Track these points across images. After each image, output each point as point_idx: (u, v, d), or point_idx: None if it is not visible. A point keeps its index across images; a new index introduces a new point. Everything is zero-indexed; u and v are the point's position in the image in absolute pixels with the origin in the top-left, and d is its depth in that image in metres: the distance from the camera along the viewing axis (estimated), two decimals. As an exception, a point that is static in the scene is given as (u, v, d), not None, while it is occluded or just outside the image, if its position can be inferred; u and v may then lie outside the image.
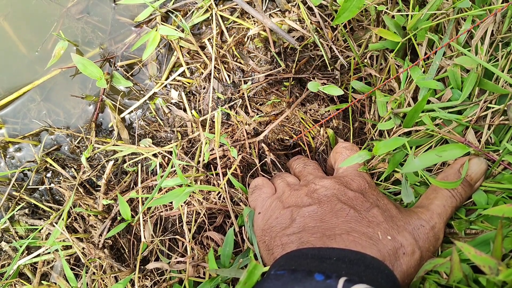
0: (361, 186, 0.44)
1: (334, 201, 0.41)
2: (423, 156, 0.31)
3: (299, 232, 0.39)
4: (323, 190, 0.44)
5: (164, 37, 0.62)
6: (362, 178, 0.45)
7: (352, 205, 0.40)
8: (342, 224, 0.38)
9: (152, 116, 0.63)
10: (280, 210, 0.44)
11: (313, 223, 0.39)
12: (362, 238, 0.36)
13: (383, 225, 0.38)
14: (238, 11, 0.62)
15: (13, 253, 0.59)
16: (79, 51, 0.66)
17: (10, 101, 0.65)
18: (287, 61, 0.60)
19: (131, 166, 0.58)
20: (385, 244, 0.36)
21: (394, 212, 0.40)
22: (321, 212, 0.40)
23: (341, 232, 0.37)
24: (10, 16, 0.67)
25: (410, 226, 0.38)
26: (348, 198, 0.42)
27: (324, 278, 0.30)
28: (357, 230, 0.37)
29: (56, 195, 0.62)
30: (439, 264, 0.31)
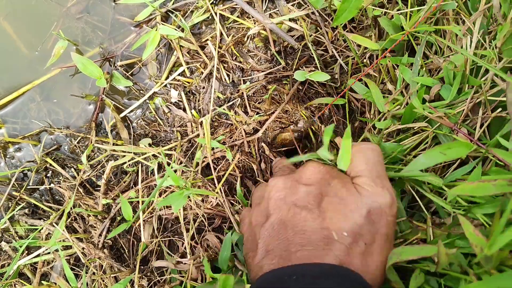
0: (315, 176, 0.41)
1: (286, 207, 0.39)
2: (427, 154, 0.33)
3: (262, 260, 0.38)
4: (275, 192, 0.42)
5: (164, 36, 0.64)
6: (321, 166, 0.42)
7: (304, 205, 0.39)
8: (296, 237, 0.37)
9: (152, 115, 0.65)
10: (248, 234, 0.43)
11: (272, 244, 0.38)
12: (317, 249, 0.35)
13: (339, 220, 0.37)
14: (238, 10, 0.64)
15: (13, 253, 0.61)
16: (79, 50, 0.68)
17: (10, 101, 0.67)
18: (287, 59, 0.62)
19: (130, 166, 0.60)
20: (342, 243, 0.35)
21: (352, 200, 0.38)
22: (277, 226, 0.39)
23: (296, 250, 0.36)
24: (10, 16, 0.69)
25: (363, 208, 0.37)
26: (300, 196, 0.39)
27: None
28: (311, 241, 0.36)
29: (56, 195, 0.64)
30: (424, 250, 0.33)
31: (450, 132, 0.38)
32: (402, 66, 0.50)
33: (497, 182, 0.28)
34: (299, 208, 0.38)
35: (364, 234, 0.36)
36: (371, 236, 0.36)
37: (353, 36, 0.50)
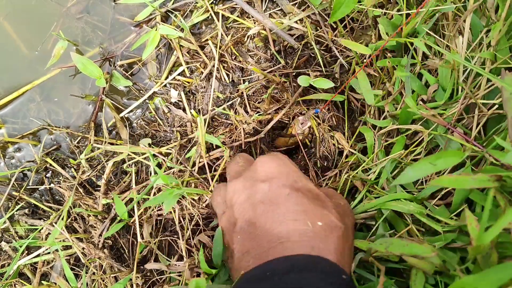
0: (271, 170, 0.41)
1: (252, 208, 0.39)
2: (416, 166, 0.32)
3: (239, 263, 0.38)
4: (237, 196, 0.41)
5: (164, 36, 0.65)
6: (273, 159, 0.42)
7: (270, 201, 0.38)
8: (268, 234, 0.36)
9: (151, 115, 0.65)
10: (224, 241, 0.42)
11: (247, 246, 0.38)
12: (290, 241, 0.35)
13: (310, 210, 0.37)
14: (238, 10, 0.65)
15: (13, 253, 0.61)
16: (79, 50, 0.68)
17: (9, 101, 0.67)
18: (287, 59, 0.62)
19: (130, 166, 0.61)
20: (316, 232, 0.35)
21: (316, 191, 0.39)
22: (247, 228, 0.38)
23: (269, 246, 0.35)
24: (10, 16, 0.69)
25: (331, 203, 0.39)
26: (264, 193, 0.39)
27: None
28: (283, 234, 0.35)
29: (56, 195, 0.65)
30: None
31: (445, 132, 0.39)
32: (400, 67, 0.50)
33: (477, 176, 0.28)
34: (267, 205, 0.38)
35: (338, 225, 0.36)
36: (342, 225, 0.37)
37: (344, 41, 0.50)
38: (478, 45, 0.44)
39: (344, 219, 0.38)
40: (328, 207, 0.38)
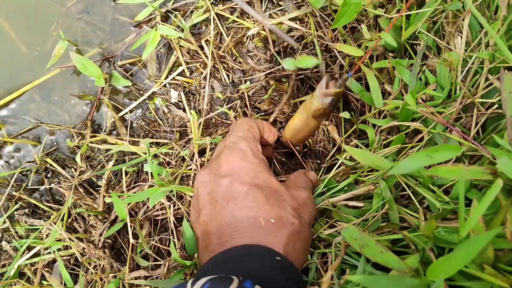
0: (233, 165, 0.43)
1: (213, 202, 0.41)
2: (413, 157, 0.33)
3: (202, 257, 0.41)
4: (202, 189, 0.44)
5: (163, 36, 0.65)
6: (236, 153, 0.44)
7: (229, 196, 0.40)
8: (226, 229, 0.39)
9: (151, 116, 0.66)
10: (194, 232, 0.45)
11: (207, 240, 0.40)
12: (244, 236, 0.37)
13: (265, 207, 0.39)
14: (238, 11, 0.66)
15: (13, 253, 0.62)
16: (79, 50, 0.69)
17: (9, 101, 0.68)
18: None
19: (130, 167, 0.62)
20: (268, 229, 0.38)
21: (275, 186, 0.42)
22: (208, 221, 0.41)
23: (225, 240, 0.38)
24: (10, 16, 0.70)
25: (291, 198, 0.42)
26: (224, 189, 0.41)
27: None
28: (239, 229, 0.38)
29: (56, 195, 0.65)
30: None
31: (444, 131, 0.39)
32: (399, 67, 0.51)
33: (471, 168, 0.29)
34: (226, 201, 0.40)
35: (291, 221, 0.39)
36: (294, 222, 0.40)
37: (339, 46, 0.51)
38: (477, 44, 0.45)
39: (300, 214, 0.41)
40: (284, 203, 0.41)
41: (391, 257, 0.32)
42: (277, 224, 0.39)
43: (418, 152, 0.33)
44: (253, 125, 0.50)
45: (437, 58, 0.47)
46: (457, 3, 0.44)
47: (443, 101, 0.44)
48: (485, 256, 0.27)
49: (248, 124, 0.50)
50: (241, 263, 0.35)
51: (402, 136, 0.45)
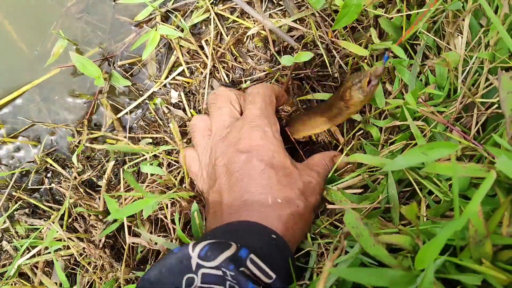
0: (253, 142, 0.45)
1: (228, 173, 0.45)
2: (408, 154, 0.34)
3: (210, 222, 0.44)
4: (220, 160, 0.47)
5: (163, 36, 0.66)
6: (257, 131, 0.46)
7: (245, 172, 0.43)
8: (234, 202, 0.42)
9: (151, 116, 0.67)
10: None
11: (216, 208, 0.44)
12: (249, 211, 0.41)
13: (276, 187, 0.42)
14: (238, 10, 0.66)
15: (13, 252, 0.62)
16: (78, 50, 0.69)
17: (9, 101, 0.68)
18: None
19: (131, 167, 0.62)
20: (274, 207, 0.41)
21: (289, 167, 0.45)
22: (222, 190, 0.44)
23: (230, 212, 0.42)
24: (10, 16, 0.70)
25: (301, 181, 0.44)
26: (241, 164, 0.44)
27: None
28: (247, 204, 0.41)
29: (56, 195, 0.66)
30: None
31: (444, 130, 0.40)
32: (399, 67, 0.52)
33: (468, 165, 0.30)
34: (241, 175, 0.44)
35: (296, 203, 0.42)
36: (299, 204, 0.42)
37: (344, 43, 0.52)
38: (477, 44, 0.45)
39: (307, 198, 0.44)
40: (293, 185, 0.44)
41: (381, 250, 0.32)
42: (282, 204, 0.42)
43: (413, 149, 0.34)
44: (273, 99, 0.52)
45: (436, 58, 0.48)
46: (457, 3, 0.45)
47: (443, 101, 0.44)
48: (483, 252, 0.27)
49: (270, 97, 0.52)
50: (240, 237, 0.38)
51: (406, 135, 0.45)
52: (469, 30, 0.47)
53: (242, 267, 0.34)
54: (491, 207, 0.34)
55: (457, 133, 0.38)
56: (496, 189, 0.30)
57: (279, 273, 0.36)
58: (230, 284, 0.33)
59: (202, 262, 0.34)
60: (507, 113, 0.34)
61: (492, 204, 0.34)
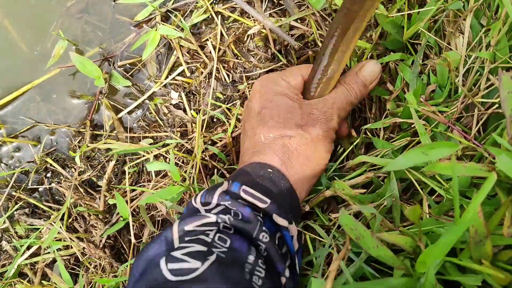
0: (262, 87, 0.48)
1: (247, 118, 0.48)
2: (408, 154, 0.34)
3: (241, 155, 0.48)
4: (246, 107, 0.51)
5: (164, 36, 0.66)
6: (263, 81, 0.49)
7: (246, 118, 0.48)
8: (242, 148, 0.47)
9: (152, 116, 0.67)
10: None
11: (242, 149, 0.48)
12: (252, 155, 0.44)
13: (269, 124, 0.44)
14: (238, 10, 0.66)
15: (13, 252, 0.63)
16: (78, 50, 0.70)
17: (9, 101, 0.69)
18: (287, 58, 0.63)
19: (132, 167, 0.62)
20: (266, 143, 0.44)
21: (288, 103, 0.46)
22: (246, 133, 0.47)
23: (247, 154, 0.45)
24: (10, 16, 0.71)
25: (299, 116, 0.45)
26: (252, 110, 0.47)
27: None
28: (257, 147, 0.44)
29: (56, 195, 0.66)
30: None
31: (445, 130, 0.40)
32: (402, 65, 0.52)
33: (469, 164, 0.30)
34: (244, 122, 0.49)
35: (289, 135, 0.44)
36: (297, 138, 0.44)
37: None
38: (478, 44, 0.45)
39: (307, 129, 0.44)
40: (289, 120, 0.45)
41: (384, 251, 0.32)
42: (275, 138, 0.44)
43: (413, 149, 0.34)
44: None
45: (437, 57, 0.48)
46: (458, 3, 0.45)
47: (444, 100, 0.44)
48: (483, 252, 0.27)
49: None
50: (235, 177, 0.41)
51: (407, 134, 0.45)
52: (470, 30, 0.47)
53: (238, 198, 0.38)
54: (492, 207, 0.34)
55: (457, 133, 0.38)
56: (497, 189, 0.30)
57: (274, 199, 0.39)
58: (234, 212, 0.37)
59: (206, 207, 0.38)
60: (508, 113, 0.34)
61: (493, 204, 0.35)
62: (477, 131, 0.40)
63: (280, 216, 0.38)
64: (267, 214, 0.38)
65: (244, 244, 0.34)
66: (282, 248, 0.38)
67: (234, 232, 0.36)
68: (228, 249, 0.33)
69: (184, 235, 0.35)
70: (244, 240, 0.35)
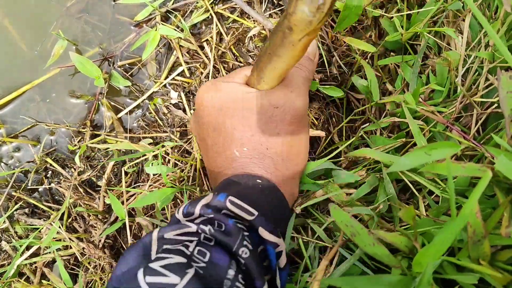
0: (209, 97, 0.44)
1: (205, 134, 0.45)
2: (411, 155, 0.34)
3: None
4: (195, 123, 0.48)
5: (163, 36, 0.66)
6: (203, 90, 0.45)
7: (218, 132, 0.44)
8: (224, 160, 0.43)
9: (151, 116, 0.67)
10: None
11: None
12: (243, 168, 0.42)
13: (245, 136, 0.42)
14: (238, 10, 0.66)
15: (13, 252, 0.63)
16: (78, 50, 0.70)
17: (9, 101, 0.69)
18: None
19: (131, 167, 0.62)
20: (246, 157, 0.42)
21: (254, 110, 0.42)
22: (208, 148, 0.46)
23: (230, 167, 0.43)
24: (10, 16, 0.71)
25: (269, 119, 0.42)
26: (208, 124, 0.45)
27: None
28: (235, 163, 0.42)
29: (56, 195, 0.66)
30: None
31: (444, 130, 0.40)
32: (403, 65, 0.52)
33: (467, 165, 0.30)
34: (222, 136, 0.45)
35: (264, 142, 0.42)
36: (256, 135, 0.42)
37: (349, 39, 0.52)
38: (477, 44, 0.45)
39: (278, 129, 0.42)
40: (258, 125, 0.42)
41: (381, 250, 0.32)
42: (250, 150, 0.42)
43: (416, 149, 0.34)
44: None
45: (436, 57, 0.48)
46: (458, 3, 0.45)
47: (443, 100, 0.44)
48: (482, 252, 0.27)
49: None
50: (222, 188, 0.40)
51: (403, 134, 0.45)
52: (469, 30, 0.47)
53: (223, 210, 0.36)
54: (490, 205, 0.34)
55: (457, 133, 0.38)
56: (495, 189, 0.30)
57: (263, 211, 0.37)
58: (218, 222, 0.35)
59: (188, 218, 0.37)
60: (507, 113, 0.34)
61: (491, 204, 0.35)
62: (476, 131, 0.40)
63: (267, 230, 0.36)
64: (253, 227, 0.36)
65: (225, 258, 0.33)
66: (263, 261, 0.36)
67: (215, 244, 0.34)
68: (207, 263, 0.32)
69: (163, 244, 0.33)
70: (224, 253, 0.33)
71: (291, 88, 0.43)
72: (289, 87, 0.43)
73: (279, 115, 0.42)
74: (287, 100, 0.42)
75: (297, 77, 0.44)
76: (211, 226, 0.34)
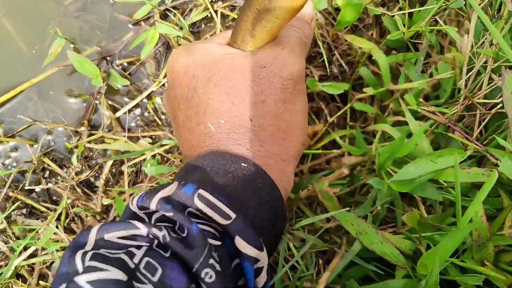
0: (184, 62, 0.35)
1: (177, 108, 0.36)
2: (417, 162, 0.33)
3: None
4: (167, 97, 0.39)
5: (162, 35, 0.65)
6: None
7: (190, 104, 0.34)
8: (197, 137, 0.34)
9: (150, 116, 0.66)
10: None
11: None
12: (219, 146, 0.32)
13: (223, 106, 0.33)
14: (238, 8, 0.66)
15: (10, 253, 0.62)
16: (76, 49, 0.69)
17: (6, 100, 0.68)
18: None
19: (130, 167, 0.62)
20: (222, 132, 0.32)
21: (237, 72, 0.33)
22: (180, 125, 0.36)
23: (204, 145, 0.33)
24: (8, 14, 0.70)
25: (256, 80, 0.32)
26: (179, 95, 0.35)
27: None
28: (210, 140, 0.32)
29: (53, 195, 0.65)
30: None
31: (446, 131, 0.39)
32: (407, 63, 0.51)
33: (472, 170, 0.29)
34: (193, 107, 0.35)
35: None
36: (237, 101, 0.33)
37: (351, 37, 0.52)
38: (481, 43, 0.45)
39: (267, 92, 0.33)
40: (240, 89, 0.33)
41: (390, 248, 0.31)
42: (228, 123, 0.32)
43: (422, 157, 0.33)
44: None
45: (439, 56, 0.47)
46: (460, 1, 0.44)
47: (445, 101, 0.44)
48: (485, 253, 0.27)
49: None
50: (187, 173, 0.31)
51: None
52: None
53: (188, 208, 0.27)
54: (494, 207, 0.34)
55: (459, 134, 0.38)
56: (500, 191, 0.30)
57: (244, 212, 0.28)
58: (180, 225, 0.26)
59: (145, 211, 0.28)
60: (511, 113, 0.34)
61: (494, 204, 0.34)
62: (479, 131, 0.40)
63: (246, 240, 0.27)
64: (229, 235, 0.27)
65: (182, 279, 0.24)
66: (238, 279, 0.28)
67: (171, 257, 0.25)
68: (157, 285, 0.23)
69: (100, 247, 0.25)
70: (182, 272, 0.25)
71: (282, 45, 0.34)
72: (280, 44, 0.34)
73: (266, 77, 0.33)
74: (277, 57, 0.33)
75: (291, 36, 0.36)
76: (168, 230, 0.25)
